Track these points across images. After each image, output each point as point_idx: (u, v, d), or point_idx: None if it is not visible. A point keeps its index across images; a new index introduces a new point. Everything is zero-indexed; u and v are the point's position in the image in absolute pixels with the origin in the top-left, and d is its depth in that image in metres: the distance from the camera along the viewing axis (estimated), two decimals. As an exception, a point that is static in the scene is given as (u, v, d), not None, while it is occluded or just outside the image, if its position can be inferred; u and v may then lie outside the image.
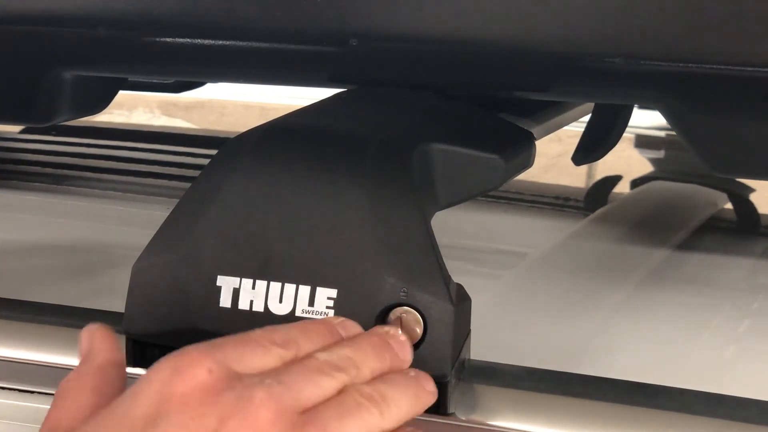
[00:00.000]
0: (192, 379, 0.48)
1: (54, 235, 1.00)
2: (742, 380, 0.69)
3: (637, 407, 0.59)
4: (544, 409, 0.59)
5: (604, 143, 0.93)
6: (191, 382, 0.48)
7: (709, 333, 0.79)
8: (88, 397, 0.54)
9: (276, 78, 0.76)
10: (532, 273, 0.91)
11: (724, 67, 0.63)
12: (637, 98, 0.72)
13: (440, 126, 0.65)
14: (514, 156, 0.65)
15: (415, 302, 0.56)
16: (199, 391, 0.48)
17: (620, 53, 0.64)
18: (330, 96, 0.70)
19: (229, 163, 0.60)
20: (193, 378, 0.49)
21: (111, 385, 0.54)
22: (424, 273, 0.56)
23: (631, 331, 0.78)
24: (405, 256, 0.56)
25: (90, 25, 0.72)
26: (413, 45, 0.67)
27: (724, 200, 1.16)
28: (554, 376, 0.62)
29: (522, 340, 0.73)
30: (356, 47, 0.68)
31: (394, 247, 0.57)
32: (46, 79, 0.76)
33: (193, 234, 0.58)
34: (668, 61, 0.63)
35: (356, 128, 0.62)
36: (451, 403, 0.57)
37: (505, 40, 0.66)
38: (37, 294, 0.74)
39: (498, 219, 1.08)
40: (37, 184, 1.21)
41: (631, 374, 0.63)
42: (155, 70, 0.78)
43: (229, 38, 0.71)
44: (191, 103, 1.66)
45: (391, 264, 0.56)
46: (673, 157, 1.35)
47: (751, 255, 0.99)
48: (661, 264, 0.93)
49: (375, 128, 0.63)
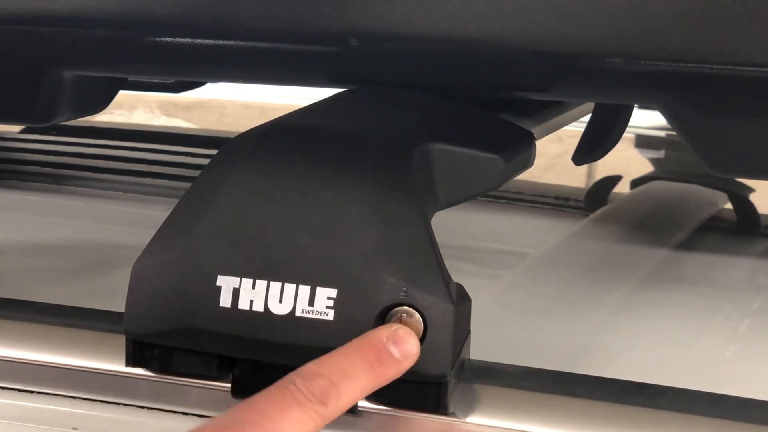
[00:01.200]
0: None
1: (54, 235, 1.00)
2: (742, 380, 0.69)
3: (637, 407, 0.59)
4: (543, 409, 0.59)
5: (604, 143, 0.93)
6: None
7: (709, 333, 0.79)
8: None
9: (276, 78, 0.76)
10: (532, 273, 0.91)
11: (724, 67, 0.63)
12: (637, 98, 0.72)
13: (440, 126, 0.65)
14: (514, 156, 0.65)
15: (415, 302, 0.56)
16: None
17: (620, 53, 0.64)
18: (330, 96, 0.70)
19: (229, 163, 0.60)
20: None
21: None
22: (424, 273, 0.56)
23: (630, 331, 0.78)
24: (405, 256, 0.56)
25: (90, 25, 0.72)
26: (413, 45, 0.67)
27: (724, 200, 1.16)
28: (554, 376, 0.62)
29: (522, 340, 0.73)
30: (356, 47, 0.68)
31: (394, 247, 0.57)
32: (46, 79, 0.76)
33: (193, 234, 0.58)
34: (668, 61, 0.63)
35: (356, 128, 0.62)
36: (451, 403, 0.57)
37: (505, 40, 0.66)
38: (37, 294, 0.74)
39: (498, 219, 1.09)
40: (37, 184, 1.21)
41: (630, 374, 0.63)
42: (155, 70, 0.78)
43: (229, 38, 0.71)
44: (191, 103, 1.66)
45: (391, 264, 0.56)
46: (673, 157, 1.35)
47: (751, 255, 0.99)
48: (661, 264, 0.93)
49: (375, 128, 0.63)
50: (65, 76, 0.76)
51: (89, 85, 0.80)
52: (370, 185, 0.58)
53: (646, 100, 0.70)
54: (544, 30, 0.64)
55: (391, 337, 0.55)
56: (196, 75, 0.84)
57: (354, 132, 0.62)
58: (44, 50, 0.75)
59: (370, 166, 0.59)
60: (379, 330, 0.55)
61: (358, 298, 0.56)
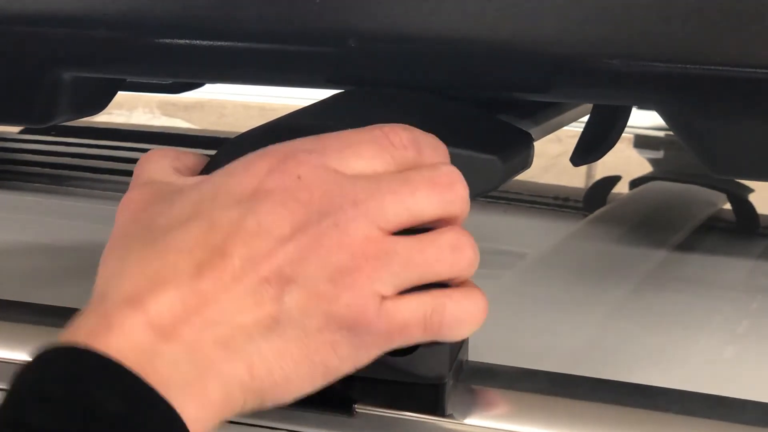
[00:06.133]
0: (282, 185, 0.51)
1: (54, 236, 1.00)
2: (741, 381, 0.69)
3: (636, 409, 0.59)
4: (542, 410, 0.59)
5: (602, 144, 0.92)
6: (281, 186, 0.51)
7: (708, 333, 0.78)
8: (170, 161, 0.58)
9: (275, 78, 0.76)
10: (532, 273, 0.91)
11: (723, 68, 0.63)
12: (635, 99, 0.72)
13: (439, 126, 0.65)
14: (512, 157, 0.65)
15: (414, 303, 0.55)
16: (284, 205, 0.51)
17: (619, 54, 0.64)
18: (329, 96, 0.70)
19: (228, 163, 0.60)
20: (283, 186, 0.51)
21: (191, 156, 0.59)
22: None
23: (630, 332, 0.78)
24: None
25: (89, 26, 0.72)
26: (412, 45, 0.67)
27: (723, 200, 1.16)
28: (553, 377, 0.62)
29: (521, 341, 0.73)
30: (355, 47, 0.68)
31: (393, 247, 0.56)
32: (45, 79, 0.76)
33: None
34: (667, 62, 0.63)
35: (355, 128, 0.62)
36: (449, 404, 0.57)
37: (504, 41, 0.66)
38: (37, 295, 0.74)
39: (498, 219, 1.08)
40: (37, 184, 1.21)
41: (630, 375, 0.63)
42: (155, 71, 0.78)
43: (228, 39, 0.71)
44: (191, 103, 1.66)
45: (389, 265, 0.56)
46: (673, 157, 1.35)
47: (750, 255, 0.99)
48: (660, 264, 0.93)
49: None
50: (64, 76, 0.76)
51: (88, 85, 0.80)
52: (369, 186, 0.58)
53: (645, 101, 0.70)
54: (542, 31, 0.64)
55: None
56: (195, 76, 0.84)
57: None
58: (43, 51, 0.75)
59: (368, 167, 0.59)
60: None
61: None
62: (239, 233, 0.50)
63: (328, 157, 0.53)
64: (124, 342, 0.47)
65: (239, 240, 0.50)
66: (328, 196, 0.51)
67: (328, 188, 0.51)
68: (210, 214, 0.51)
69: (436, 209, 0.53)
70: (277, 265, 0.50)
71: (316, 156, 0.52)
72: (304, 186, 0.51)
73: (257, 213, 0.50)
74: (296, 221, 0.50)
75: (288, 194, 0.51)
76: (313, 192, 0.51)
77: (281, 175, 0.51)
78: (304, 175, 0.51)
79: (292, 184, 0.51)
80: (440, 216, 0.53)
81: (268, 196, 0.51)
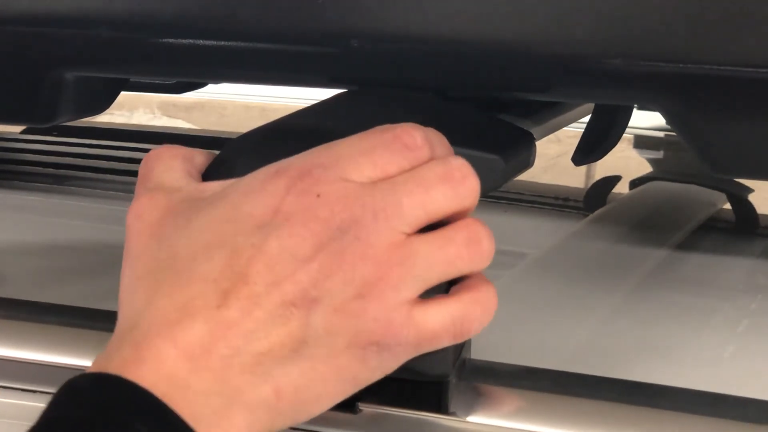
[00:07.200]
0: (302, 206, 0.51)
1: (54, 235, 1.00)
2: (741, 380, 0.69)
3: (637, 407, 0.59)
4: (544, 408, 0.59)
5: (603, 144, 0.93)
6: (302, 208, 0.51)
7: (707, 333, 0.79)
8: (180, 162, 0.57)
9: (277, 78, 0.76)
10: (532, 273, 0.91)
11: (724, 67, 0.63)
12: (636, 99, 0.72)
13: (440, 126, 0.65)
14: (513, 156, 0.65)
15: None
16: (305, 217, 0.51)
17: (620, 54, 0.64)
18: (331, 96, 0.70)
19: (230, 164, 0.60)
20: (303, 207, 0.51)
21: (201, 156, 0.58)
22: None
23: (630, 331, 0.78)
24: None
25: (92, 26, 0.73)
26: (413, 45, 0.68)
27: (723, 200, 1.16)
28: (554, 375, 0.62)
29: (522, 340, 0.73)
30: (357, 48, 0.68)
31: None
32: (47, 79, 0.76)
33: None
34: (668, 62, 0.63)
35: (357, 129, 0.62)
36: (452, 402, 0.58)
37: (505, 41, 0.66)
38: (37, 294, 0.74)
39: (498, 219, 1.09)
40: (38, 184, 1.21)
41: (630, 374, 0.63)
42: (157, 71, 0.78)
43: (230, 39, 0.71)
44: (192, 103, 1.66)
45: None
46: (672, 157, 1.35)
47: (750, 255, 0.99)
48: (660, 264, 0.93)
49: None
50: (67, 76, 0.76)
51: (91, 85, 0.80)
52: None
53: (646, 101, 0.71)
54: (543, 30, 0.65)
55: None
56: (198, 75, 0.84)
57: (354, 133, 0.62)
58: (46, 51, 0.75)
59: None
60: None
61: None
62: (262, 258, 0.50)
63: (343, 169, 0.52)
64: (156, 372, 0.48)
65: (262, 265, 0.50)
66: (348, 210, 0.51)
67: (347, 202, 0.51)
68: (233, 240, 0.51)
69: (450, 204, 0.53)
70: (302, 288, 0.50)
71: (333, 171, 0.52)
72: (323, 204, 0.51)
73: (279, 237, 0.50)
74: (317, 241, 0.50)
75: (309, 214, 0.51)
76: (333, 208, 0.51)
77: (300, 195, 0.51)
78: (323, 193, 0.51)
79: (312, 204, 0.51)
80: (455, 210, 0.53)
81: (289, 218, 0.50)
